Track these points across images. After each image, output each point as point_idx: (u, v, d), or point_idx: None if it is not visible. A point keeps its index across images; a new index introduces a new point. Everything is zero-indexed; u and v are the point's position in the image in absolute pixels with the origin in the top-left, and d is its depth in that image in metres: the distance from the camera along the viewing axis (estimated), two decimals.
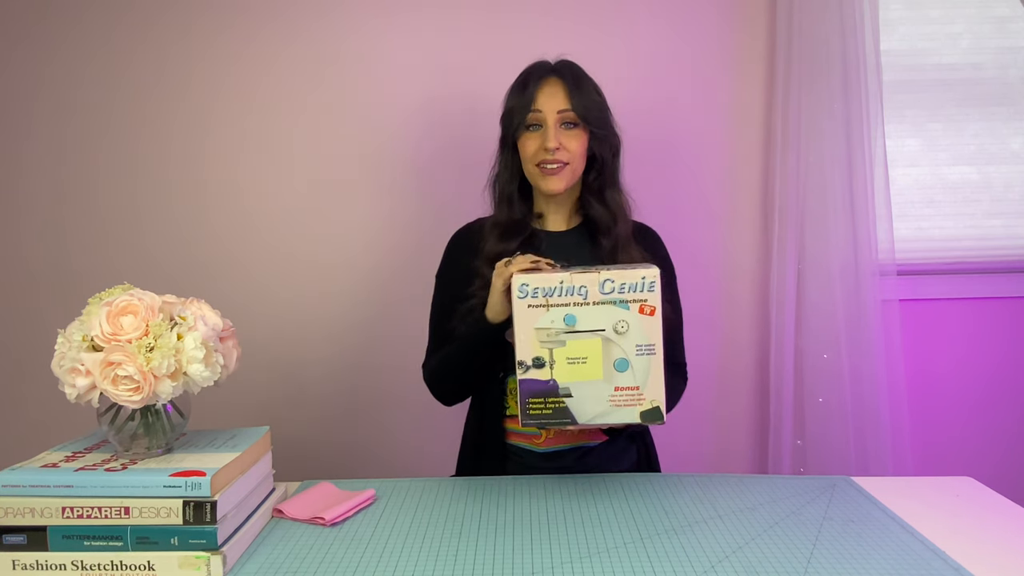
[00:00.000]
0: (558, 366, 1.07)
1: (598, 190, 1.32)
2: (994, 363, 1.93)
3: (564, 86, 1.27)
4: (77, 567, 0.91)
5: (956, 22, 1.88)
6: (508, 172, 1.33)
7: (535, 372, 1.08)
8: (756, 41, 1.83)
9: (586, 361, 1.06)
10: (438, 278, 1.39)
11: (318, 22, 1.81)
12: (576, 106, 1.25)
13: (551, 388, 1.07)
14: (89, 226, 1.85)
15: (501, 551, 0.97)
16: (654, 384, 1.05)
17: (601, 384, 1.06)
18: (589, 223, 1.34)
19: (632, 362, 1.05)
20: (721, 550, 0.97)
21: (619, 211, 1.31)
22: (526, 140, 1.27)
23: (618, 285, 1.04)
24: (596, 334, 1.05)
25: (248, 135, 1.83)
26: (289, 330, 1.87)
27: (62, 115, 1.82)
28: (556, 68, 1.30)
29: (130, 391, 0.92)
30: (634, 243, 1.32)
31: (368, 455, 1.90)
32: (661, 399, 1.05)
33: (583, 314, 1.05)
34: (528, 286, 1.06)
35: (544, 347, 1.07)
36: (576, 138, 1.26)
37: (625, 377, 1.05)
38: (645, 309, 1.04)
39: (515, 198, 1.33)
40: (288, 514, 1.09)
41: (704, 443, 1.92)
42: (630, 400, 1.06)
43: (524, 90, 1.28)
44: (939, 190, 1.92)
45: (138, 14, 1.80)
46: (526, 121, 1.26)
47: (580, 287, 1.05)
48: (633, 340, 1.05)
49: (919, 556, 0.94)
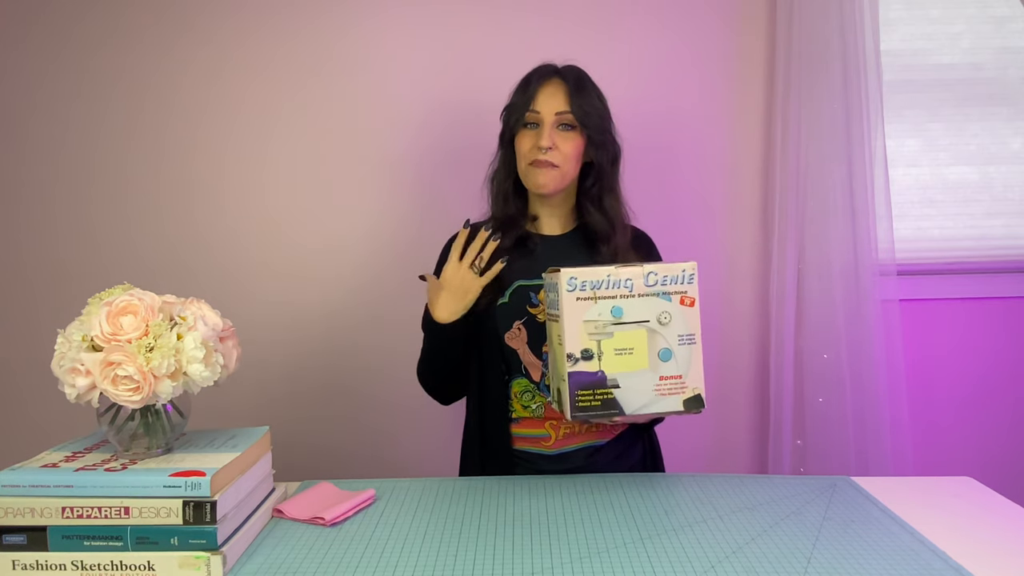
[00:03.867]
0: (606, 357, 1.09)
1: (596, 197, 1.32)
2: (994, 363, 1.93)
3: (565, 88, 1.27)
4: (77, 567, 0.91)
5: (956, 22, 1.88)
6: (505, 169, 1.33)
7: (584, 364, 1.09)
8: (756, 41, 1.83)
9: (632, 352, 1.08)
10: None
11: (313, 23, 1.80)
12: (575, 109, 1.25)
13: (600, 379, 1.09)
14: (88, 226, 1.85)
15: (501, 551, 0.97)
16: (695, 372, 1.10)
17: (647, 374, 1.09)
18: (585, 229, 1.34)
19: (675, 351, 1.08)
20: (721, 550, 0.97)
21: (617, 219, 1.31)
22: (522, 138, 1.28)
23: (661, 278, 1.08)
24: (642, 325, 1.08)
25: (243, 135, 1.83)
26: (289, 330, 1.87)
27: (58, 116, 1.82)
28: (560, 71, 1.30)
29: (130, 391, 0.92)
30: (632, 251, 1.32)
31: (368, 455, 1.90)
32: (701, 386, 1.10)
33: (629, 306, 1.08)
34: (576, 279, 1.07)
35: (592, 339, 1.08)
36: (571, 141, 1.26)
37: (669, 367, 1.09)
38: (686, 300, 1.08)
39: (510, 195, 1.33)
40: (288, 514, 1.09)
41: (704, 443, 1.92)
42: (674, 388, 1.09)
43: (526, 89, 1.28)
44: (939, 190, 1.92)
45: (133, 16, 1.80)
46: (524, 119, 1.27)
47: (626, 280, 1.08)
48: (676, 330, 1.08)
49: (919, 556, 0.94)
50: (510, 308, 1.28)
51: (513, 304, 1.28)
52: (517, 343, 1.27)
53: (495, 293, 1.28)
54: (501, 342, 1.28)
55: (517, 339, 1.27)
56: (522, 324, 1.27)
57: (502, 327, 1.28)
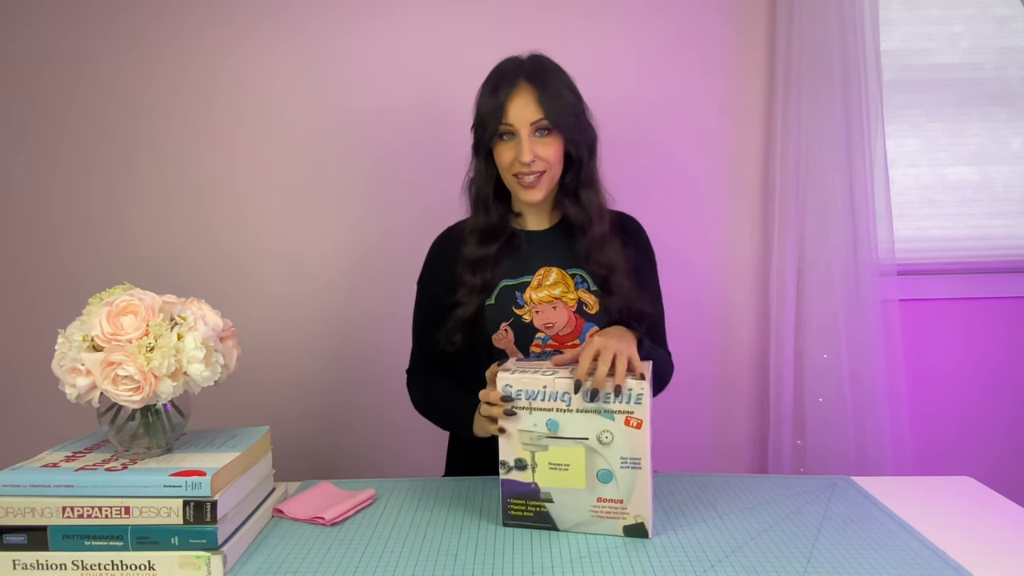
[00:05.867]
0: (540, 470, 1.03)
1: (573, 191, 1.30)
2: (994, 363, 1.93)
3: (535, 93, 1.22)
4: (77, 567, 0.91)
5: (956, 22, 1.87)
6: (483, 178, 1.31)
7: (517, 473, 1.04)
8: (756, 41, 1.83)
9: (568, 469, 1.01)
10: (420, 284, 1.39)
11: (309, 24, 1.80)
12: (548, 114, 1.22)
13: (533, 491, 1.04)
14: (86, 226, 1.85)
15: (501, 551, 0.97)
16: (639, 498, 1.00)
17: (583, 493, 1.01)
18: (567, 221, 1.33)
19: (616, 474, 1.00)
20: (721, 550, 0.97)
21: (595, 211, 1.29)
22: (501, 149, 1.25)
23: (603, 395, 0.98)
24: (579, 442, 1.00)
25: (243, 137, 1.83)
26: (289, 330, 1.87)
27: (58, 114, 1.82)
28: (526, 71, 1.25)
29: (130, 391, 0.92)
30: (613, 240, 1.29)
31: (368, 455, 1.90)
32: (646, 515, 1.00)
33: (566, 420, 1.00)
34: (511, 387, 1.02)
35: (527, 449, 1.03)
36: (551, 145, 1.24)
37: (608, 489, 1.00)
38: (631, 422, 0.98)
39: (491, 202, 1.31)
40: (288, 514, 1.09)
41: (704, 443, 1.92)
42: (613, 512, 1.01)
43: (494, 96, 1.24)
44: (939, 190, 1.92)
45: (132, 17, 1.80)
46: (499, 131, 1.24)
47: (564, 392, 1.00)
48: (618, 452, 0.99)
49: (919, 556, 0.94)
50: (496, 310, 1.28)
51: (500, 305, 1.28)
52: (504, 344, 1.27)
53: (482, 295, 1.28)
54: (489, 344, 1.27)
55: (504, 340, 1.27)
56: (508, 325, 1.27)
57: (489, 329, 1.28)
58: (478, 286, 1.27)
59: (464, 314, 1.26)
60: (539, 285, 1.28)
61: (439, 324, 1.29)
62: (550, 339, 1.26)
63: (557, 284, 1.28)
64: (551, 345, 1.26)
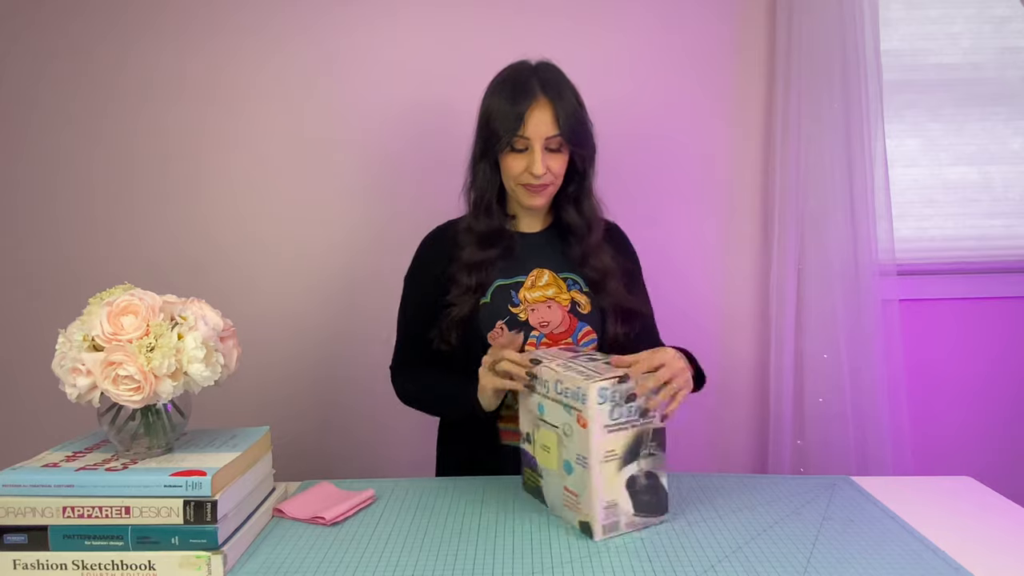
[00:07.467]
0: (536, 447, 1.11)
1: (575, 198, 1.34)
2: (994, 363, 1.93)
3: (552, 108, 1.24)
4: (78, 567, 0.91)
5: (956, 22, 1.87)
6: (487, 182, 1.32)
7: (527, 446, 1.13)
8: (756, 41, 1.83)
9: (549, 451, 1.07)
10: (407, 279, 1.40)
11: (309, 24, 1.80)
12: (564, 131, 1.24)
13: (533, 464, 1.12)
14: (87, 226, 1.84)
15: (501, 551, 0.98)
16: (587, 499, 1.00)
17: (557, 477, 1.06)
18: (560, 224, 1.37)
19: (575, 468, 1.02)
20: (721, 550, 0.97)
21: (593, 219, 1.34)
22: (511, 160, 1.27)
23: (563, 388, 1.02)
24: (554, 429, 1.06)
25: (243, 137, 1.83)
26: (289, 330, 1.87)
27: (58, 113, 1.82)
28: (541, 82, 1.26)
29: (131, 391, 0.93)
30: (605, 246, 1.35)
31: (368, 455, 1.90)
32: (593, 516, 0.99)
33: (548, 407, 1.06)
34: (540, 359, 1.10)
35: (531, 425, 1.12)
36: (560, 159, 1.28)
37: (571, 480, 1.03)
38: (581, 420, 0.99)
39: (494, 207, 1.33)
40: (288, 514, 1.09)
41: (704, 443, 1.92)
42: (572, 504, 1.03)
43: (513, 106, 1.24)
44: (939, 190, 1.92)
45: (132, 16, 1.80)
46: (513, 144, 1.25)
47: (544, 380, 1.06)
48: (575, 448, 1.01)
49: (919, 556, 0.94)
50: (492, 308, 1.29)
51: (495, 304, 1.29)
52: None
53: (477, 295, 1.29)
54: (484, 342, 1.28)
55: (500, 338, 1.28)
56: (504, 324, 1.28)
57: (485, 327, 1.28)
58: (473, 286, 1.29)
59: (459, 313, 1.27)
60: (532, 285, 1.31)
61: (428, 321, 1.32)
62: (544, 337, 1.28)
63: (549, 286, 1.32)
64: (545, 343, 1.28)
